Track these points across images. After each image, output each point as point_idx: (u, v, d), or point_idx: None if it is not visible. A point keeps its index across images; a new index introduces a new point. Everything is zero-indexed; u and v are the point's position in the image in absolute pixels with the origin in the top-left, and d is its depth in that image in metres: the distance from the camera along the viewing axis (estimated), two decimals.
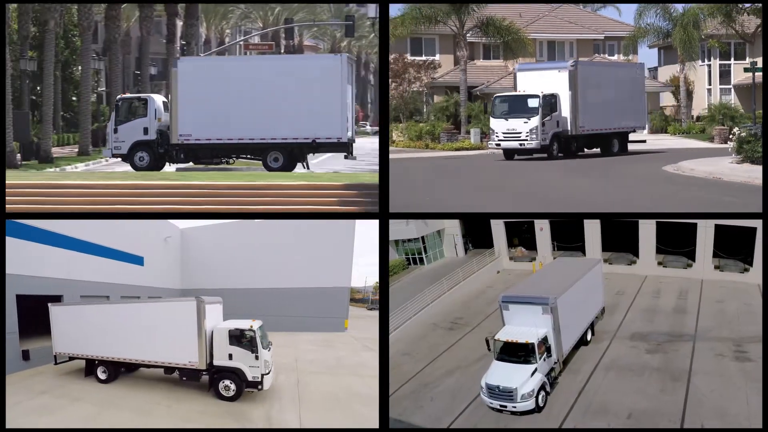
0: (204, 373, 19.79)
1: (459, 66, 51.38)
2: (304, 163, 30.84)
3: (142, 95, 32.98)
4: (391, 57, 52.23)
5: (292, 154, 29.76)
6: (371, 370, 23.53)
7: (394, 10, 51.32)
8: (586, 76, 39.40)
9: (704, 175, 29.76)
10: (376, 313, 68.02)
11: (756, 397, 16.23)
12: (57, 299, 26.40)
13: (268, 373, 19.37)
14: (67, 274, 27.70)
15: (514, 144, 37.98)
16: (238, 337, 19.24)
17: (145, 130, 31.14)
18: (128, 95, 34.21)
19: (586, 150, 40.63)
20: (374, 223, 24.40)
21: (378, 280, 79.47)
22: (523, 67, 41.76)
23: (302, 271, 38.02)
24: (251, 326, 19.33)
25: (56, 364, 24.10)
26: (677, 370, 18.32)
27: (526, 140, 37.46)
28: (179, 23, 57.04)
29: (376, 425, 16.78)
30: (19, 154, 35.25)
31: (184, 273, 42.80)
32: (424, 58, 55.71)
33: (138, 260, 35.31)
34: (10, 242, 22.75)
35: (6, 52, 37.25)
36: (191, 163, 32.63)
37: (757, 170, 28.07)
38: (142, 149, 31.09)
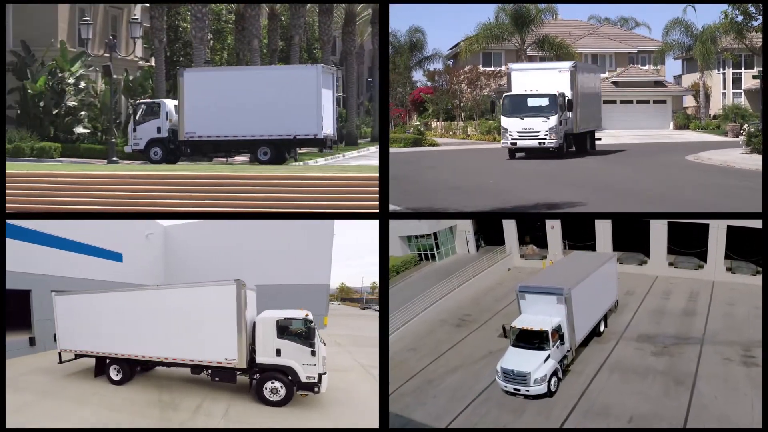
0: (240, 372, 17.18)
1: None
2: (290, 156, 34.85)
3: (156, 100, 37.21)
4: (467, 68, 63.09)
5: (278, 148, 33.84)
6: (330, 364, 23.67)
7: (469, 29, 62.15)
8: (581, 77, 39.14)
9: (720, 163, 33.58)
10: (368, 312, 68.94)
11: (760, 404, 16.03)
12: (24, 294, 25.47)
13: (325, 373, 16.74)
14: (35, 268, 26.83)
15: (533, 143, 36.55)
16: (288, 329, 16.41)
17: (158, 129, 35.25)
18: (145, 100, 38.08)
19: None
20: (375, 223, 24.40)
21: (374, 281, 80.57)
22: (517, 67, 40.47)
23: (282, 268, 39.28)
24: (306, 315, 16.53)
25: (61, 362, 21.86)
26: (682, 373, 18.14)
27: (545, 139, 36.21)
28: None
29: (318, 418, 15.99)
30: None
31: (167, 270, 42.97)
32: (493, 68, 64.53)
33: (116, 257, 35.81)
34: None
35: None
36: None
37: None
38: (156, 145, 35.15)
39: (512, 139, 37.10)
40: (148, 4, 47.13)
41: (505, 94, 38.79)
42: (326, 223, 39.17)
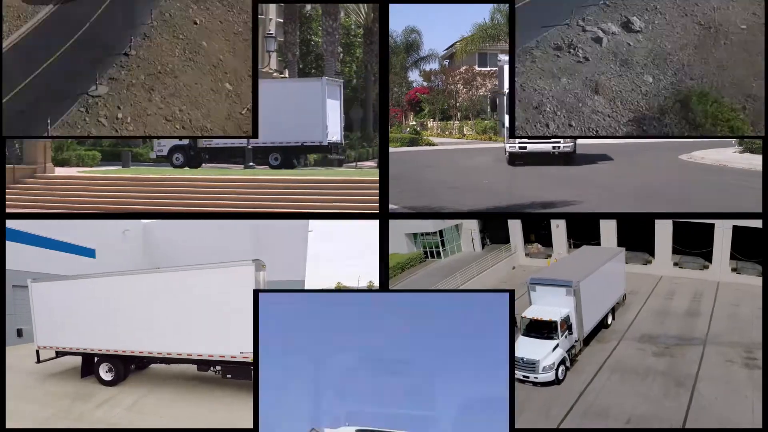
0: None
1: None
2: (299, 161, 37.33)
3: None
4: (462, 68, 63.44)
5: (288, 154, 36.41)
6: None
7: (465, 30, 64.23)
8: None
9: (713, 162, 33.61)
10: None
11: (761, 406, 15.93)
12: None
13: None
14: None
15: (545, 147, 32.64)
16: None
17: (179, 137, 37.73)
18: None
19: None
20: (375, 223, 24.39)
21: (371, 280, 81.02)
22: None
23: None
24: None
25: (39, 362, 19.43)
26: (683, 375, 18.06)
27: (560, 143, 32.52)
28: None
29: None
30: None
31: (146, 266, 42.76)
32: (488, 68, 64.57)
33: (89, 253, 35.65)
34: None
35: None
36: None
37: (756, 158, 31.19)
38: (178, 152, 37.84)
39: (521, 143, 32.90)
40: (282, 20, 50.19)
41: (507, 92, 34.70)
42: (302, 221, 39.97)
